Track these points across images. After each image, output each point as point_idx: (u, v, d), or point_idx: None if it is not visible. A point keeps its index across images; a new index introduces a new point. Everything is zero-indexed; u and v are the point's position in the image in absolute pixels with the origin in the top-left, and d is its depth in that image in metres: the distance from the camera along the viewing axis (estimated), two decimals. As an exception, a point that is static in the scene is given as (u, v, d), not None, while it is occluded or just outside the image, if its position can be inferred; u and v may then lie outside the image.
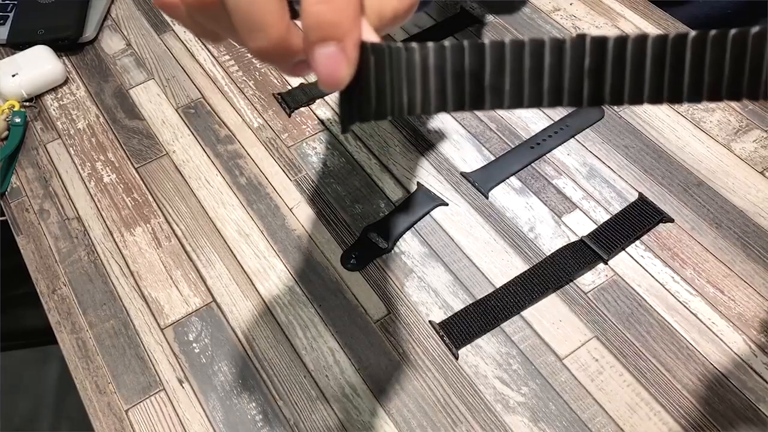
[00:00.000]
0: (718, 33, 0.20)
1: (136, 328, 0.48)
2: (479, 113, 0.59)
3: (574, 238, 0.50)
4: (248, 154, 0.58)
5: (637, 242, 0.50)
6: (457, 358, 0.45)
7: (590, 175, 0.54)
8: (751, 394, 0.43)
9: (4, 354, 1.06)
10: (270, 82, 0.63)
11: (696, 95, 0.21)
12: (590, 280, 0.48)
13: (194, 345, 0.47)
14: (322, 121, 0.60)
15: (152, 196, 0.55)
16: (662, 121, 0.57)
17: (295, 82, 0.63)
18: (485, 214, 0.52)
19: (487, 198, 0.53)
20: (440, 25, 0.66)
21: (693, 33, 0.20)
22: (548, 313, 0.47)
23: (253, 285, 0.50)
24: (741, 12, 0.64)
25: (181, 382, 0.46)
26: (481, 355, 0.46)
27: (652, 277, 0.48)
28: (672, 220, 0.51)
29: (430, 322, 0.47)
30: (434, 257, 0.50)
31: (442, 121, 0.59)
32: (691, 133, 0.56)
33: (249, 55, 0.65)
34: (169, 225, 0.53)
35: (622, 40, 0.20)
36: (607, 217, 0.51)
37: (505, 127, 0.58)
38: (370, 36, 0.22)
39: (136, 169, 0.57)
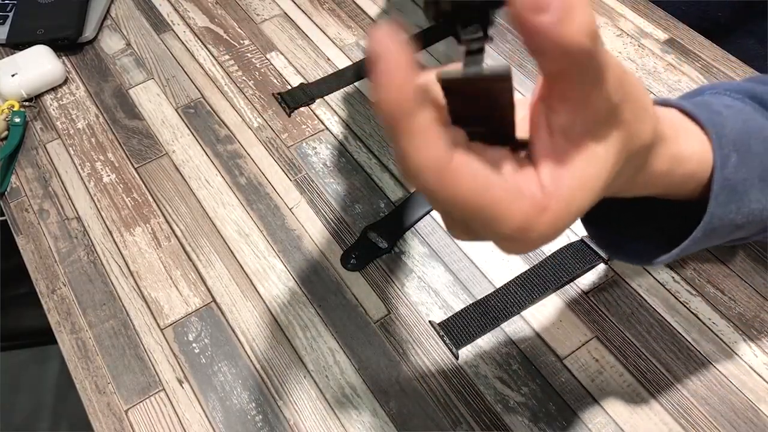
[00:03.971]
0: None
1: (136, 328, 0.48)
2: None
3: (574, 238, 0.50)
4: (248, 154, 0.58)
5: (638, 242, 0.50)
6: (457, 358, 0.45)
7: (590, 175, 0.54)
8: (752, 394, 0.43)
9: (4, 354, 1.06)
10: (270, 82, 0.63)
11: None
12: (590, 280, 0.48)
13: (194, 345, 0.47)
14: (322, 121, 0.59)
15: (152, 196, 0.55)
16: (662, 121, 0.57)
17: (295, 81, 0.63)
18: (485, 214, 0.52)
19: (487, 198, 0.53)
20: (441, 25, 0.66)
21: None
22: (548, 313, 0.47)
23: (253, 285, 0.50)
24: (741, 12, 0.64)
25: (180, 382, 0.46)
26: (482, 355, 0.45)
27: (653, 277, 0.48)
28: (672, 220, 0.51)
29: (430, 322, 0.47)
30: (434, 257, 0.50)
31: (442, 120, 0.58)
32: (691, 132, 0.56)
33: (249, 54, 0.65)
34: (168, 225, 0.53)
35: None
36: (607, 217, 0.51)
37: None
38: None
39: (135, 169, 0.57)
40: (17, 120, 0.60)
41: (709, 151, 0.29)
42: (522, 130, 0.24)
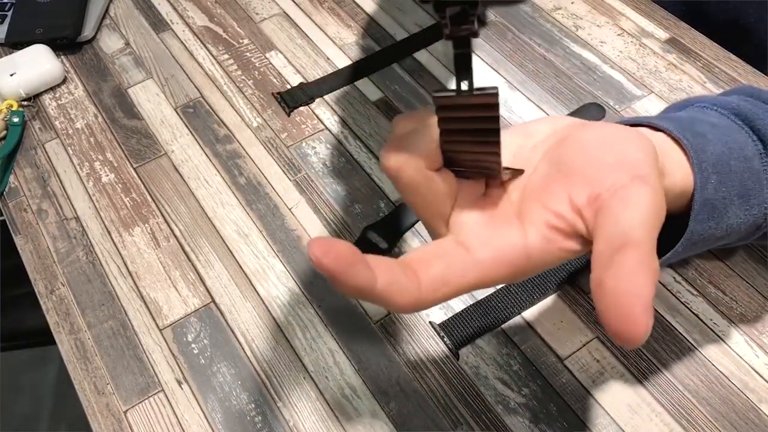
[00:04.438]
0: None
1: (135, 328, 0.48)
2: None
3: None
4: (247, 153, 0.57)
5: (639, 242, 0.50)
6: (457, 359, 0.45)
7: (591, 175, 0.54)
8: (753, 395, 0.43)
9: (4, 355, 1.06)
10: (269, 81, 0.63)
11: None
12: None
13: (193, 346, 0.47)
14: (321, 121, 0.59)
15: (151, 196, 0.55)
16: (663, 121, 0.56)
17: (294, 81, 0.62)
18: (486, 214, 0.52)
19: (487, 198, 0.53)
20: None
21: None
22: (549, 314, 0.47)
23: (252, 285, 0.50)
24: (742, 12, 0.64)
25: (179, 383, 0.45)
26: (482, 355, 0.45)
27: (654, 277, 0.48)
28: (673, 220, 0.50)
29: (430, 322, 0.47)
30: (434, 257, 0.50)
31: (442, 120, 0.58)
32: (692, 132, 0.55)
33: (248, 54, 0.65)
34: (167, 225, 0.53)
35: None
36: (608, 217, 0.51)
37: (505, 126, 0.57)
38: None
39: (134, 168, 0.57)
40: (16, 120, 0.60)
41: (690, 174, 0.31)
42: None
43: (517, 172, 0.28)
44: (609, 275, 0.23)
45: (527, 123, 0.31)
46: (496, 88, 0.24)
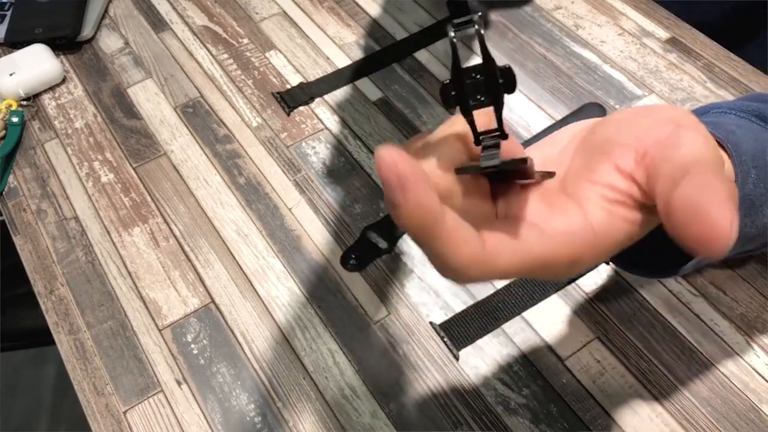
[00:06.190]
0: None
1: (134, 328, 0.48)
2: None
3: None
4: (247, 153, 0.57)
5: (639, 242, 0.50)
6: (457, 359, 0.45)
7: (591, 175, 0.54)
8: (754, 395, 0.42)
9: (3, 355, 1.06)
10: (269, 81, 0.62)
11: None
12: (592, 280, 0.48)
13: (192, 346, 0.47)
14: (321, 121, 0.59)
15: (150, 196, 0.55)
16: (664, 121, 0.56)
17: (294, 80, 0.62)
18: (486, 214, 0.52)
19: (487, 198, 0.53)
20: (441, 23, 0.66)
21: None
22: (550, 314, 0.47)
23: (252, 285, 0.49)
24: (742, 15, 0.64)
25: (179, 383, 0.45)
26: (482, 356, 0.45)
27: (654, 277, 0.48)
28: (674, 220, 0.50)
29: (430, 323, 0.47)
30: (434, 257, 0.50)
31: (442, 120, 0.58)
32: (692, 132, 0.55)
33: (248, 53, 0.65)
34: (167, 225, 0.53)
35: None
36: (608, 217, 0.51)
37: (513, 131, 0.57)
38: None
39: (134, 168, 0.57)
40: (15, 119, 0.60)
41: (730, 169, 0.30)
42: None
43: (547, 175, 0.27)
44: (677, 192, 0.20)
45: (552, 135, 0.30)
46: (527, 158, 0.22)
